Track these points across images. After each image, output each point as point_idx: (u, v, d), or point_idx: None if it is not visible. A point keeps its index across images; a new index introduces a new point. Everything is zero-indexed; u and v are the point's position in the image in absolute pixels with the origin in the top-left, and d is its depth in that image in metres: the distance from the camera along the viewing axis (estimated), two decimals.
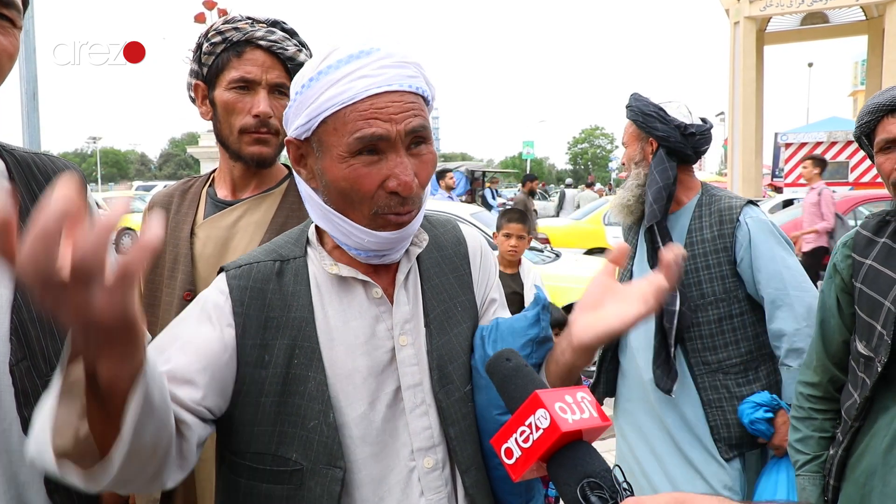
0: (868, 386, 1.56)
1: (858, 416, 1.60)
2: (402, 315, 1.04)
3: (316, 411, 0.96)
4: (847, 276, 1.68)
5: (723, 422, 2.07)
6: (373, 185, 0.94)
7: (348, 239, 1.00)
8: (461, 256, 1.16)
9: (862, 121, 1.62)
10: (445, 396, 1.03)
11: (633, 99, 2.23)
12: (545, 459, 0.72)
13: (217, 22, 1.53)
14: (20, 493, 1.04)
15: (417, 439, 1.01)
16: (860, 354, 1.61)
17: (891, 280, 1.55)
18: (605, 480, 0.68)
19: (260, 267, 1.03)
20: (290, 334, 0.98)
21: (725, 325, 2.09)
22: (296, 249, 1.06)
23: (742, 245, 2.06)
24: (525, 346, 1.02)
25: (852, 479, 1.61)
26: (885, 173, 1.58)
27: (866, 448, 1.59)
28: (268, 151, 1.54)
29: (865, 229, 1.68)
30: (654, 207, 2.11)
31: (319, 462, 0.95)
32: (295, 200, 1.58)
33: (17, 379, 1.02)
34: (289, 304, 1.00)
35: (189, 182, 1.69)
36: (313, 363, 0.98)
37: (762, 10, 15.46)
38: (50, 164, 1.18)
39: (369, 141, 0.92)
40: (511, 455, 0.73)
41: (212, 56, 1.52)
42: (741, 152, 15.51)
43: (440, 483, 1.01)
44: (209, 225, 1.56)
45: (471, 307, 1.13)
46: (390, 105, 0.93)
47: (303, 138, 0.99)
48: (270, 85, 1.50)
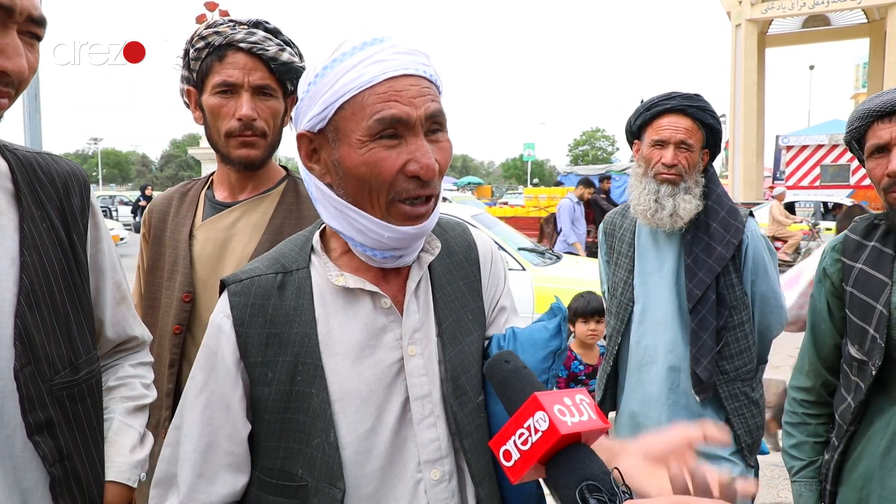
0: (862, 389, 1.56)
1: (853, 419, 1.60)
2: (411, 324, 1.01)
3: (319, 429, 0.94)
4: (837, 279, 1.67)
5: (745, 429, 2.09)
6: (393, 168, 0.91)
7: (364, 237, 0.96)
8: (472, 262, 1.13)
9: (852, 126, 1.60)
10: (460, 408, 1.01)
11: (704, 101, 2.11)
12: (544, 462, 0.72)
13: (201, 27, 1.52)
14: (25, 498, 1.03)
15: (425, 451, 0.99)
16: (853, 358, 1.60)
17: (881, 283, 1.54)
18: (604, 483, 0.68)
19: (261, 281, 1.00)
20: (293, 351, 0.96)
21: (739, 332, 2.10)
22: (299, 259, 1.03)
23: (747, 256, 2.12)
24: (546, 358, 1.01)
25: (849, 483, 1.61)
26: (876, 179, 1.56)
27: (863, 451, 1.58)
28: (255, 154, 1.53)
29: (854, 233, 1.67)
30: (729, 240, 2.07)
31: (322, 480, 0.94)
32: (292, 202, 1.58)
33: (22, 384, 1.01)
34: (291, 319, 0.98)
35: (188, 185, 1.70)
36: (316, 380, 0.96)
37: (764, 12, 15.47)
38: (53, 165, 1.17)
39: (389, 123, 0.90)
40: (510, 457, 0.73)
41: (198, 62, 1.51)
42: (742, 155, 15.51)
43: (447, 495, 0.99)
44: (208, 227, 1.56)
45: (480, 315, 1.10)
46: (409, 88, 0.91)
47: (317, 130, 0.96)
48: (253, 87, 1.49)
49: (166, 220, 1.62)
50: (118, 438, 1.29)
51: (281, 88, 1.55)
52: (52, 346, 1.08)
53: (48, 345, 1.07)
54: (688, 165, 2.08)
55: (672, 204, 2.06)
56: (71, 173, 1.19)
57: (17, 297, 1.02)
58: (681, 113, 2.07)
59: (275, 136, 1.57)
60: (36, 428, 1.03)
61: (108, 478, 1.24)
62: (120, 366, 1.36)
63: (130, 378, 1.35)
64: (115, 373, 1.34)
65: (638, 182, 2.15)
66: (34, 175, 1.12)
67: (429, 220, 0.97)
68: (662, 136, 2.08)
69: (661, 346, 2.13)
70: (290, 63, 1.52)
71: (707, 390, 2.07)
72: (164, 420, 1.51)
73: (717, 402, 2.12)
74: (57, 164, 1.18)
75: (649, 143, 2.12)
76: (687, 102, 2.07)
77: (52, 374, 1.07)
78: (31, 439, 1.03)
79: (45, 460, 1.04)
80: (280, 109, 1.56)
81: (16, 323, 1.02)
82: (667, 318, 2.13)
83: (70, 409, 1.11)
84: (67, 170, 1.19)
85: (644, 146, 2.15)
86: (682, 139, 2.06)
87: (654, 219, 2.08)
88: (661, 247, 2.18)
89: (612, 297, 2.27)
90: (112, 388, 1.32)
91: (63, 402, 1.09)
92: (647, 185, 2.11)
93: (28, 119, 5.32)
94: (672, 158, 2.06)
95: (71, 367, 1.11)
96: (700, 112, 2.08)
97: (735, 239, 2.08)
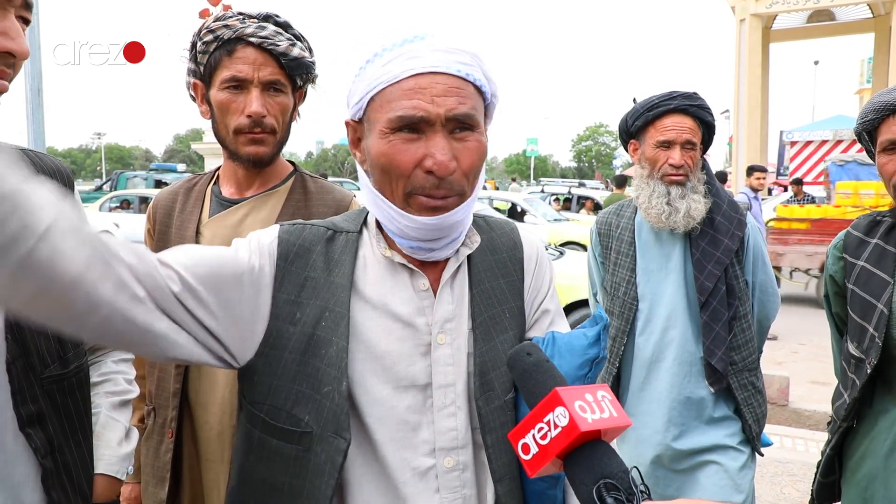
0: (857, 387, 1.56)
1: (847, 416, 1.60)
2: (443, 313, 1.03)
3: (332, 377, 0.95)
4: (840, 278, 1.67)
5: (754, 418, 2.14)
6: (410, 162, 0.94)
7: (391, 224, 1.00)
8: (516, 261, 1.13)
9: (865, 118, 1.57)
10: (486, 403, 1.01)
11: (702, 99, 2.13)
12: (562, 457, 0.71)
13: (209, 20, 1.49)
14: (16, 492, 1.04)
15: (442, 439, 1.00)
16: (851, 355, 1.61)
17: (883, 282, 1.53)
18: (622, 482, 0.67)
19: (312, 229, 1.04)
20: (325, 296, 0.98)
21: (744, 323, 2.14)
22: (352, 225, 1.07)
23: (748, 247, 2.16)
24: (583, 365, 1.01)
25: (854, 483, 1.61)
26: (887, 175, 1.55)
27: (867, 451, 1.58)
28: (264, 151, 1.51)
29: (856, 230, 1.66)
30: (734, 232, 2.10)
31: (327, 429, 0.94)
32: (300, 198, 1.57)
33: (14, 377, 1.03)
34: (331, 269, 1.01)
35: (194, 180, 1.67)
36: (339, 329, 0.97)
37: (768, 7, 15.39)
38: (39, 162, 1.18)
39: (407, 119, 0.92)
40: (528, 451, 0.73)
41: (206, 55, 1.48)
42: (746, 150, 15.46)
43: (458, 484, 1.00)
44: (215, 223, 1.54)
45: (519, 314, 1.10)
46: (434, 86, 0.93)
47: (358, 119, 1.01)
48: (263, 83, 1.47)
49: (172, 216, 1.60)
50: (105, 432, 1.34)
51: (290, 84, 1.52)
52: (42, 340, 1.09)
53: (38, 338, 1.08)
54: (692, 165, 2.11)
55: (685, 206, 2.07)
56: (56, 169, 1.22)
57: None
58: (683, 113, 2.09)
59: (283, 133, 1.55)
60: (28, 420, 1.05)
61: (98, 470, 1.27)
62: (102, 362, 1.40)
63: (113, 374, 1.40)
64: (98, 369, 1.38)
65: (645, 184, 2.15)
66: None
67: (450, 213, 0.97)
68: (668, 136, 2.09)
69: (671, 342, 2.14)
70: (301, 58, 1.50)
71: (721, 381, 2.09)
72: (170, 420, 1.51)
73: (723, 396, 2.14)
74: (42, 160, 1.20)
75: (654, 144, 2.12)
76: (688, 102, 2.09)
77: (42, 367, 1.09)
78: (23, 432, 1.04)
79: (38, 453, 1.06)
80: (289, 105, 1.54)
81: (6, 317, 1.02)
82: (675, 314, 2.14)
83: (60, 401, 1.12)
84: (52, 166, 1.21)
85: (647, 147, 2.15)
86: (688, 139, 2.09)
87: (669, 221, 2.09)
88: (665, 243, 2.18)
89: (613, 297, 2.27)
90: (96, 383, 1.36)
91: (53, 395, 1.11)
92: (655, 188, 2.11)
93: (31, 114, 5.32)
94: (680, 159, 2.08)
95: (60, 361, 1.14)
96: (700, 111, 2.10)
97: (739, 231, 2.11)
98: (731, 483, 2.07)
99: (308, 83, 1.59)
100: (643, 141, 2.17)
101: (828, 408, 1.82)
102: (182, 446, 1.53)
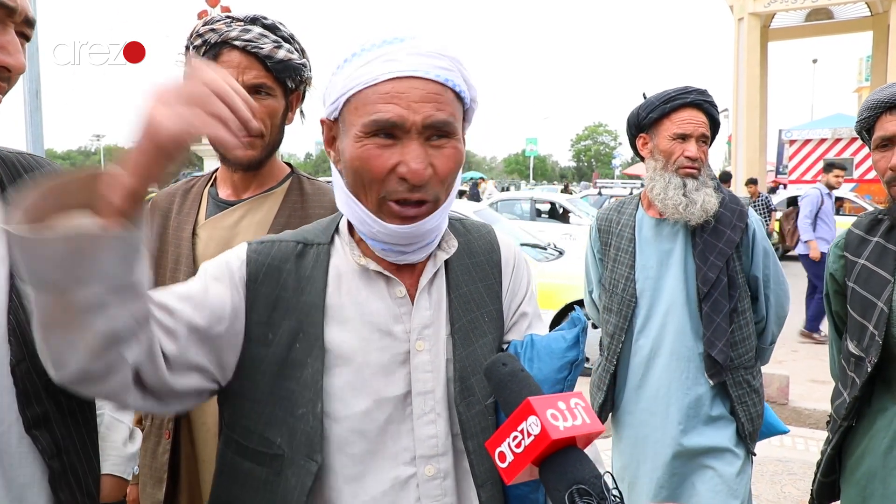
0: (858, 385, 1.56)
1: (848, 415, 1.60)
2: (421, 320, 1.02)
3: (306, 399, 0.94)
4: (840, 277, 1.68)
5: (748, 417, 2.13)
6: (383, 168, 0.92)
7: (363, 227, 0.98)
8: (493, 264, 1.12)
9: (862, 116, 1.61)
10: (466, 408, 1.01)
11: (712, 97, 2.15)
12: (537, 464, 0.74)
13: (199, 23, 1.49)
14: (21, 494, 1.04)
15: (422, 446, 0.99)
16: (850, 354, 1.61)
17: (884, 280, 1.53)
18: (594, 487, 0.70)
19: (281, 246, 1.03)
20: (297, 317, 0.97)
21: (742, 319, 2.14)
22: (322, 236, 1.05)
23: (755, 241, 2.17)
24: (562, 368, 1.01)
25: (853, 482, 1.61)
26: (881, 171, 1.57)
27: (866, 450, 1.58)
28: (252, 154, 1.51)
29: (858, 228, 1.67)
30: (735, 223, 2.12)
31: (299, 452, 0.94)
32: (297, 200, 1.57)
33: (18, 379, 1.03)
34: (302, 287, 0.99)
35: (191, 182, 1.68)
36: (314, 351, 0.96)
37: (766, 6, 15.39)
38: (34, 164, 1.18)
39: (382, 124, 0.90)
40: (504, 459, 0.75)
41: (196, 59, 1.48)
42: (745, 149, 15.45)
43: (439, 492, 0.99)
44: (211, 225, 1.55)
45: (497, 318, 1.10)
46: (412, 91, 0.91)
47: (333, 118, 0.99)
48: (248, 86, 1.45)
49: (169, 217, 1.60)
50: (110, 433, 1.34)
51: (280, 86, 1.52)
52: None
53: None
54: (705, 159, 2.15)
55: (702, 199, 2.09)
56: (52, 172, 1.21)
57: (9, 294, 1.03)
58: (698, 107, 2.12)
59: (274, 136, 1.54)
60: (34, 422, 1.04)
61: (104, 471, 1.28)
62: None
63: None
64: None
65: (659, 177, 2.15)
66: (18, 175, 1.14)
67: (423, 222, 0.96)
68: (685, 129, 2.11)
69: (669, 337, 2.15)
70: (287, 61, 1.49)
71: (721, 373, 2.09)
72: (167, 421, 1.51)
73: (719, 394, 2.14)
74: (38, 163, 1.20)
75: (669, 137, 2.13)
76: (702, 97, 2.12)
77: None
78: (28, 434, 1.04)
79: (45, 454, 1.06)
80: (278, 108, 1.53)
81: (9, 319, 1.02)
82: (674, 309, 2.15)
83: (65, 403, 1.12)
84: (49, 169, 1.21)
85: (661, 139, 2.15)
86: (703, 133, 2.12)
87: (686, 213, 2.10)
88: (665, 238, 2.19)
89: (612, 294, 2.27)
90: None
91: (57, 396, 1.10)
92: (671, 180, 2.12)
93: (29, 116, 5.31)
94: (696, 152, 2.11)
95: None
96: (711, 108, 2.14)
97: (741, 223, 2.13)
98: (726, 489, 2.07)
99: (302, 85, 1.59)
100: (656, 134, 2.17)
101: (827, 406, 1.82)
102: (179, 447, 1.53)
